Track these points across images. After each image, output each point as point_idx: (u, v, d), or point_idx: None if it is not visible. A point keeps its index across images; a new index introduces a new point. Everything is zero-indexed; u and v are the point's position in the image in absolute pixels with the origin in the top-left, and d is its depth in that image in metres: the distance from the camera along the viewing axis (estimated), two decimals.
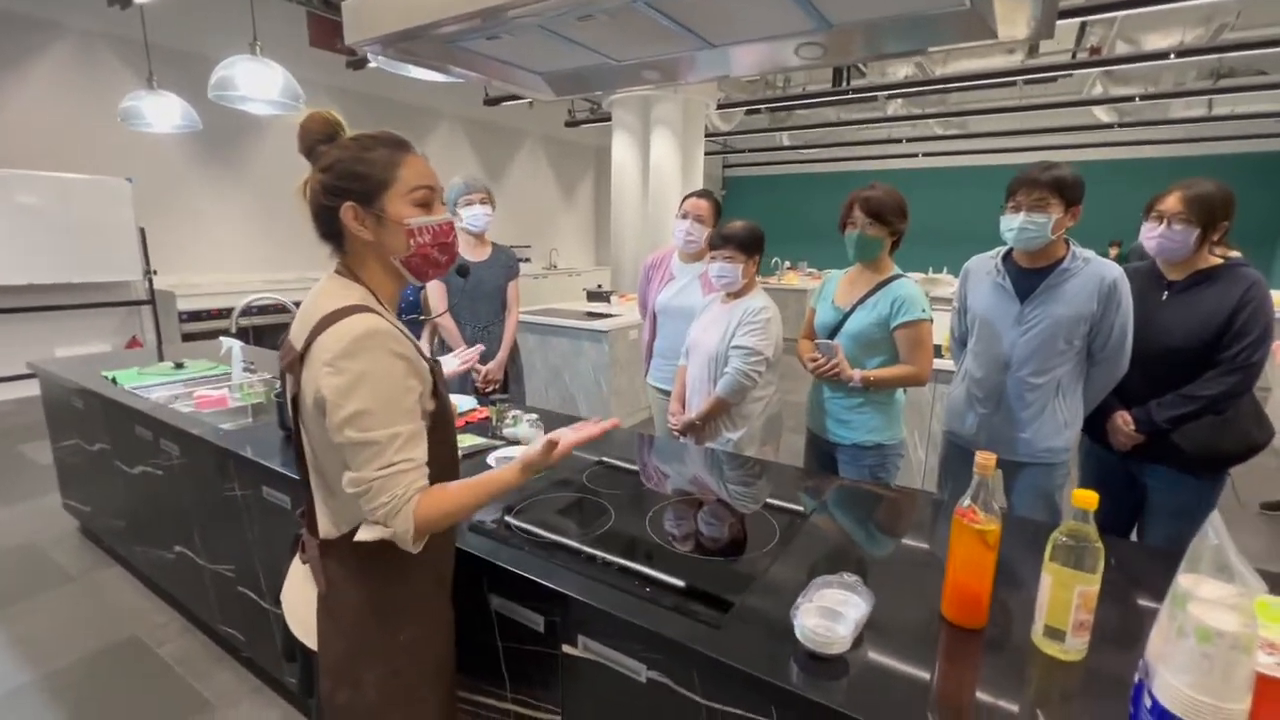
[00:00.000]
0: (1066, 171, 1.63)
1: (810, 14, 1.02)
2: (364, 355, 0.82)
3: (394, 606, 0.95)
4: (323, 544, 0.94)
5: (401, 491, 0.84)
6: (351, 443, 0.82)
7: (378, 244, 0.91)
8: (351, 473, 0.84)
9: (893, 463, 1.89)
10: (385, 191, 0.89)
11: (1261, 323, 1.58)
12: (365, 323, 0.84)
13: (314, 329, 0.85)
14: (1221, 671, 0.60)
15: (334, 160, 0.88)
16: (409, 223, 0.90)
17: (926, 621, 0.97)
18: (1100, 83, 6.73)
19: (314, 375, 0.84)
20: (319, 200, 0.89)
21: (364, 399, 0.82)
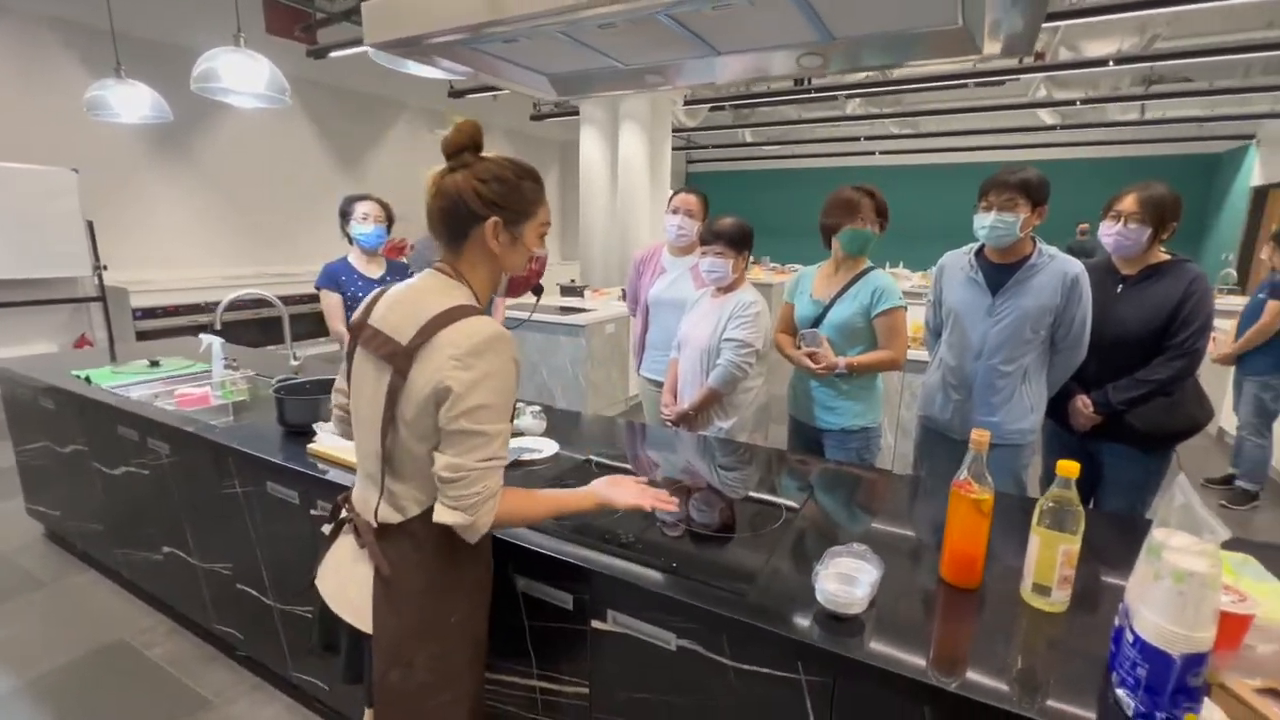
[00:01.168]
0: (1033, 174, 1.77)
1: (817, 27, 1.10)
2: (492, 355, 0.90)
3: (449, 588, 1.00)
4: (380, 528, 0.98)
5: (494, 485, 0.93)
6: (464, 431, 0.89)
7: (501, 258, 1.00)
8: (451, 458, 0.90)
9: (875, 444, 2.01)
10: (527, 220, 1.01)
11: (1203, 313, 1.76)
12: (492, 326, 0.93)
13: (431, 323, 0.91)
14: (1194, 606, 0.71)
15: (493, 176, 0.96)
16: (535, 251, 1.04)
17: (928, 584, 1.07)
18: (1044, 86, 7.09)
19: (436, 366, 0.89)
20: (465, 202, 0.95)
21: (486, 395, 0.90)
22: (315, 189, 6.44)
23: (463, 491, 0.90)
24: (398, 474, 0.97)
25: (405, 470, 0.96)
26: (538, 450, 1.63)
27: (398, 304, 0.99)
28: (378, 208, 2.42)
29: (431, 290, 0.97)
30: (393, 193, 8.19)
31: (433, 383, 0.89)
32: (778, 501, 1.38)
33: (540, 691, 1.24)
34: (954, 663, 0.90)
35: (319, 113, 6.44)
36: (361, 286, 2.43)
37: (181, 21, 5.13)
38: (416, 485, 0.96)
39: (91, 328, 5.09)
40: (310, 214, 6.27)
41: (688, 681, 1.05)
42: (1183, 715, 0.74)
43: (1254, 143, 8.30)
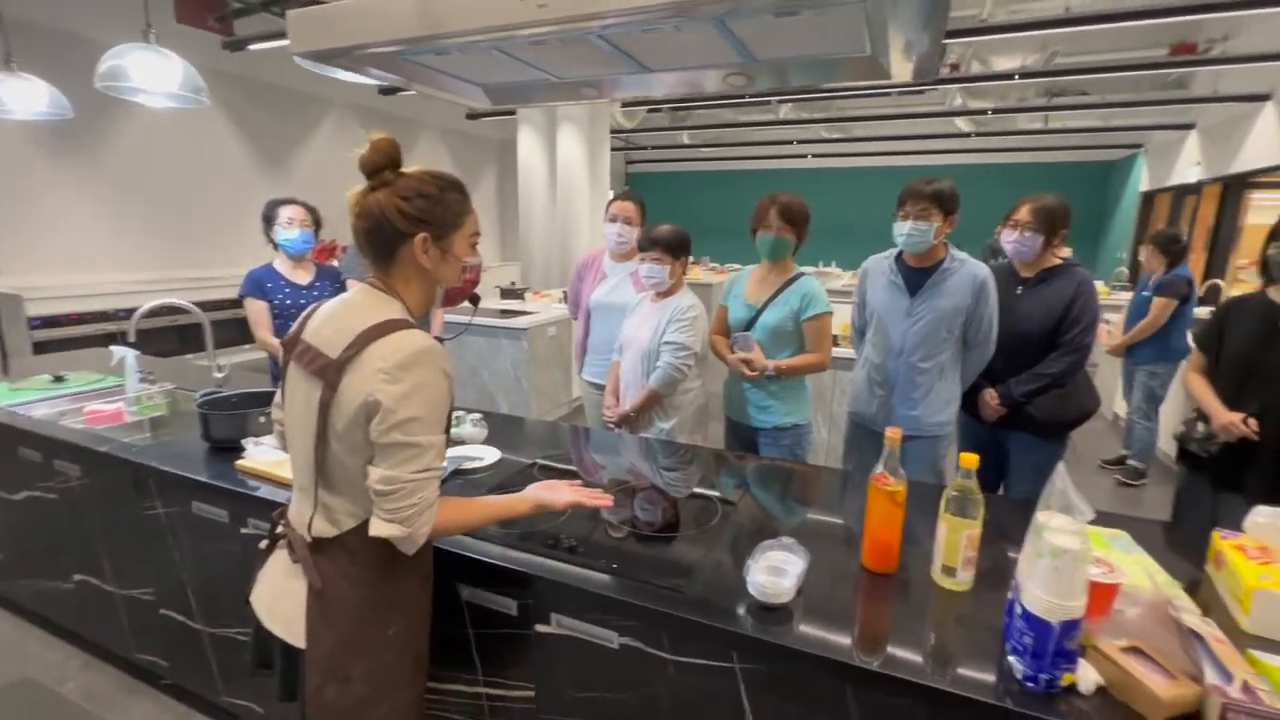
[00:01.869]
0: (945, 185, 1.91)
1: (740, 51, 1.16)
2: (421, 368, 0.91)
3: (386, 601, 1.00)
4: (315, 542, 0.97)
5: (430, 496, 0.93)
6: (396, 444, 0.89)
7: (433, 272, 1.01)
8: (385, 471, 0.90)
9: (806, 440, 2.11)
10: (455, 232, 1.01)
11: (1090, 311, 1.94)
12: (422, 339, 0.93)
13: (361, 336, 0.92)
14: (1067, 579, 0.81)
15: (417, 193, 0.96)
16: (466, 261, 1.04)
17: (850, 571, 1.16)
18: (960, 96, 7.55)
19: (365, 380, 0.90)
20: (389, 221, 0.95)
21: (416, 407, 0.90)
22: (236, 189, 6.10)
23: (398, 504, 0.90)
24: (331, 487, 0.97)
25: (339, 484, 0.96)
26: (478, 458, 1.63)
27: (330, 319, 0.99)
28: (303, 212, 2.34)
29: (363, 305, 0.98)
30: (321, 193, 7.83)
31: (362, 396, 0.90)
32: (715, 498, 1.44)
33: (486, 698, 1.25)
34: (874, 642, 0.98)
35: (239, 108, 6.11)
36: (289, 294, 2.35)
37: (81, 8, 4.75)
38: (350, 499, 0.96)
39: None
40: (232, 215, 5.94)
41: (630, 678, 1.09)
42: (1061, 675, 0.84)
43: (1142, 151, 9.11)
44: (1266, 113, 5.95)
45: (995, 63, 6.36)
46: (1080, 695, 0.84)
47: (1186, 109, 7.43)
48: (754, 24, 1.02)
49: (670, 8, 0.90)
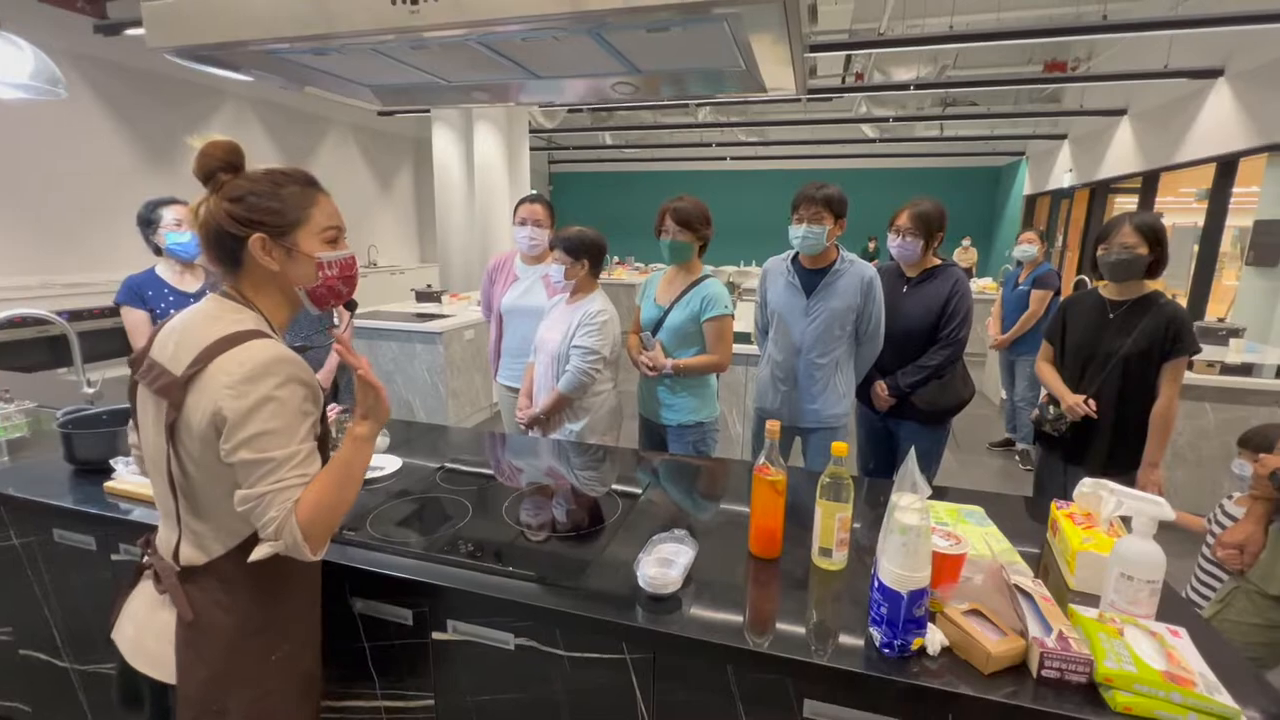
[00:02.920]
0: (834, 191, 2.02)
1: (622, 62, 1.20)
2: (268, 380, 0.86)
3: (268, 626, 0.96)
4: (184, 571, 0.92)
5: (286, 503, 0.86)
6: (245, 462, 0.85)
7: (283, 274, 0.95)
8: (242, 490, 0.86)
9: (711, 436, 2.19)
10: (298, 229, 0.95)
11: (965, 308, 2.12)
12: (270, 349, 0.87)
13: (207, 351, 0.86)
14: (913, 552, 0.89)
15: (245, 193, 0.91)
16: (319, 256, 0.96)
17: (739, 558, 1.22)
18: (865, 104, 8.00)
19: (211, 397, 0.85)
20: (222, 227, 0.90)
21: (265, 421, 0.85)
22: (113, 187, 5.58)
23: (260, 521, 0.86)
24: (196, 512, 0.92)
25: (203, 508, 0.91)
26: (380, 468, 1.59)
27: (177, 333, 0.92)
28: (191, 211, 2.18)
29: (212, 316, 0.92)
30: None
31: (209, 413, 0.85)
32: (617, 494, 1.48)
33: (385, 711, 1.23)
34: (755, 624, 1.04)
35: (116, 98, 5.60)
36: (174, 302, 2.19)
37: None
38: (218, 523, 0.91)
39: None
40: (108, 214, 5.43)
41: (528, 677, 1.11)
42: (913, 640, 0.92)
43: (1025, 158, 9.97)
44: (1124, 126, 6.64)
45: (895, 74, 6.78)
46: (929, 656, 0.93)
47: (1060, 120, 8.20)
48: (629, 37, 1.06)
49: (539, 19, 0.92)
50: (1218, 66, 4.87)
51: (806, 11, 1.00)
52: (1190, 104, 5.27)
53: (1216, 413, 3.02)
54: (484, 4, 0.92)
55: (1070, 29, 4.33)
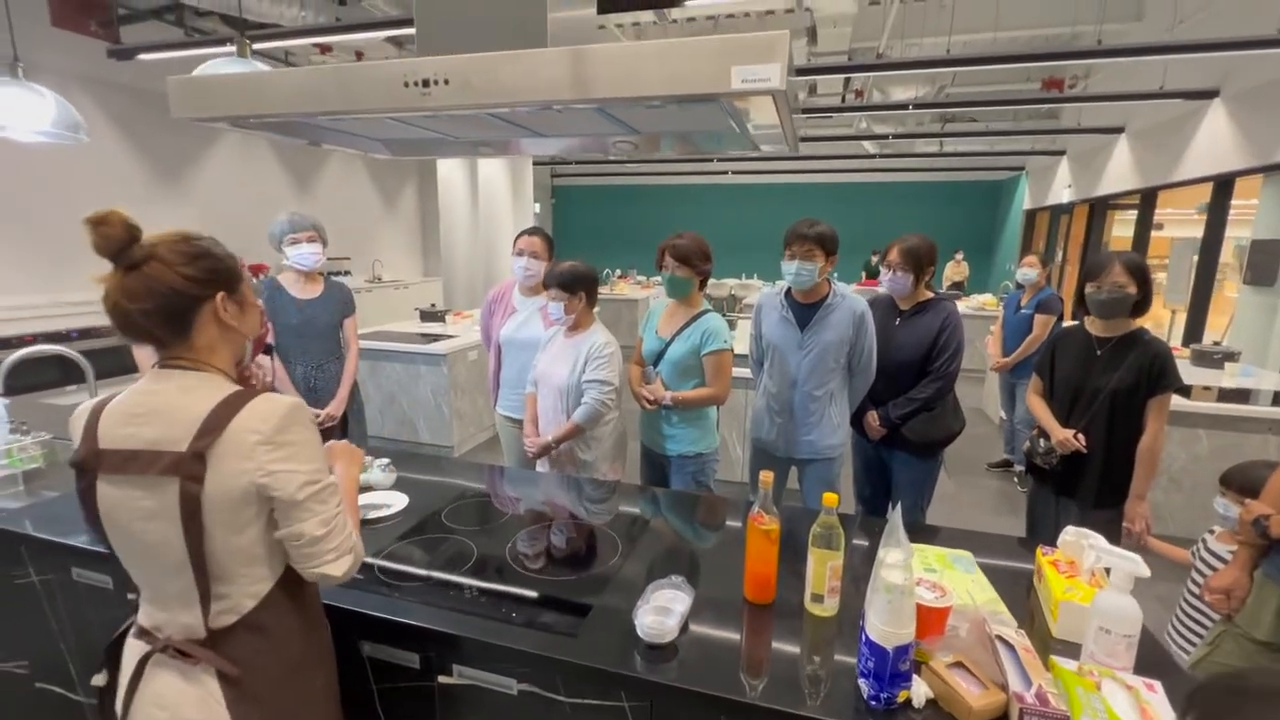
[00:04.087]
0: (826, 228, 2.08)
1: (622, 127, 1.26)
2: (297, 426, 0.93)
3: (306, 657, 1.01)
4: (212, 637, 0.94)
5: (353, 521, 1.00)
6: (313, 495, 0.92)
7: (239, 329, 0.99)
8: (316, 518, 0.93)
9: (710, 467, 2.23)
10: (242, 283, 1.00)
11: (955, 341, 2.17)
12: (282, 399, 0.93)
13: (213, 418, 0.88)
14: (897, 610, 0.94)
15: (194, 255, 0.93)
16: (261, 303, 1.05)
17: (733, 604, 1.26)
18: (866, 121, 8.08)
19: (243, 458, 0.88)
20: (180, 292, 0.91)
21: (311, 458, 0.93)
22: (124, 205, 5.65)
23: (340, 538, 0.95)
24: (225, 577, 0.93)
25: (231, 570, 0.93)
26: (387, 505, 1.64)
27: (143, 416, 0.90)
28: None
29: (185, 389, 0.92)
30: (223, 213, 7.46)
31: (247, 474, 0.88)
32: (613, 535, 1.52)
33: None
34: (750, 672, 1.08)
35: (127, 120, 5.71)
36: None
37: None
38: (248, 578, 0.94)
39: None
40: None
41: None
42: (899, 693, 0.96)
43: (1024, 173, 10.03)
44: (1122, 144, 6.70)
45: (894, 92, 6.86)
46: (915, 709, 0.97)
47: (1059, 137, 8.26)
48: (629, 110, 1.12)
49: (543, 103, 0.97)
50: (1213, 88, 4.93)
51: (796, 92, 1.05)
52: (1187, 123, 5.33)
53: (1211, 439, 3.05)
54: (491, 88, 0.97)
55: (1066, 53, 4.40)
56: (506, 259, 6.40)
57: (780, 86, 0.83)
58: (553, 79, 0.92)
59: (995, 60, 4.35)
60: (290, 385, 2.37)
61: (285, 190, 7.62)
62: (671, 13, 4.92)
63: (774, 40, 0.83)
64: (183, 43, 4.31)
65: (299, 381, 2.39)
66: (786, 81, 0.84)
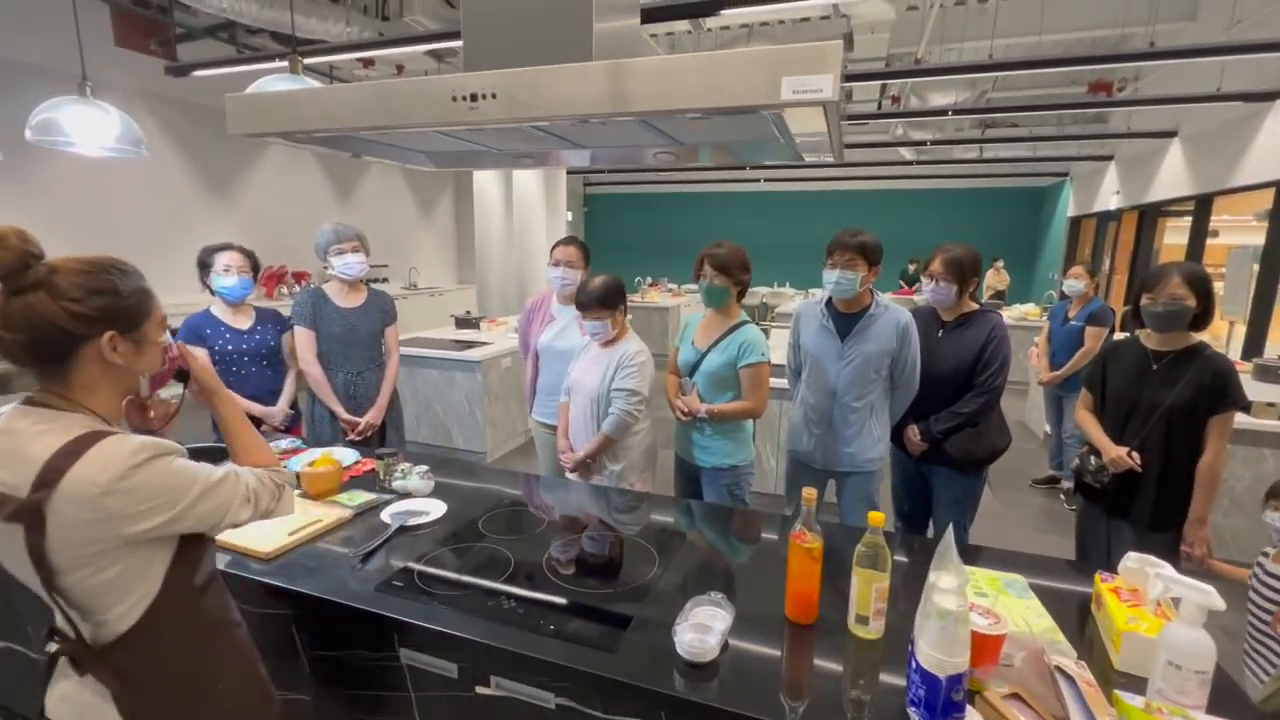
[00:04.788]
0: (869, 238, 2.04)
1: (663, 138, 1.25)
2: (143, 470, 0.84)
3: (206, 664, 0.98)
4: (99, 651, 0.88)
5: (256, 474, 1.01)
6: (214, 505, 0.91)
7: (129, 367, 0.92)
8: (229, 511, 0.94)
9: (745, 480, 2.20)
10: (146, 320, 0.93)
11: (1002, 354, 2.10)
12: (123, 442, 0.84)
13: (48, 468, 0.80)
14: (951, 638, 0.90)
15: (89, 290, 0.86)
16: (165, 341, 0.98)
17: (774, 622, 1.23)
18: (902, 127, 7.95)
19: (85, 509, 0.80)
20: (60, 327, 0.84)
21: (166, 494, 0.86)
22: (174, 215, 5.94)
23: (266, 498, 1.00)
24: (95, 609, 0.86)
25: (98, 602, 0.86)
26: (425, 513, 1.65)
27: None
28: (240, 258, 2.30)
29: (33, 431, 0.84)
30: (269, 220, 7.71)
31: (93, 527, 0.81)
32: (650, 549, 1.51)
33: None
34: (795, 691, 1.05)
35: (182, 134, 5.97)
36: (230, 339, 2.33)
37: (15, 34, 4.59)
38: (121, 604, 0.87)
39: None
40: (171, 240, 5.77)
41: None
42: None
43: (1069, 179, 9.73)
44: (1175, 148, 6.45)
45: (932, 98, 6.73)
46: None
47: (1106, 142, 7.99)
48: (673, 121, 1.11)
49: (588, 116, 0.97)
50: (1275, 89, 4.71)
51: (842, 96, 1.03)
52: (1246, 126, 5.10)
53: (1277, 459, 2.89)
54: (538, 102, 0.98)
55: (1117, 56, 4.25)
56: (539, 267, 6.50)
57: (833, 97, 0.81)
58: (600, 92, 0.92)
59: (1041, 64, 4.23)
60: (332, 395, 2.42)
61: (327, 200, 7.85)
62: (706, 22, 4.93)
63: (826, 51, 0.81)
64: (235, 59, 4.49)
65: (339, 389, 2.44)
66: (838, 91, 0.82)
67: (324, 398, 2.42)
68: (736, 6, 3.03)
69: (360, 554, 1.43)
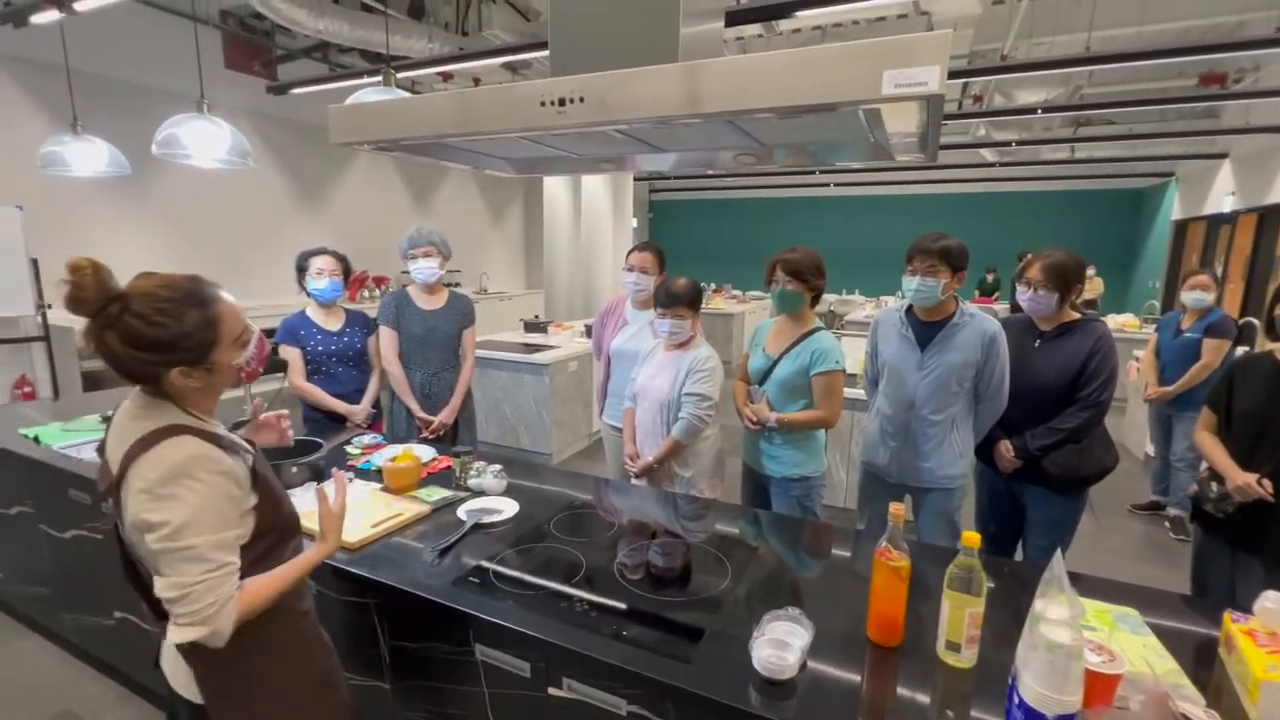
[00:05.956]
0: (953, 242, 1.93)
1: (746, 139, 1.23)
2: (184, 480, 0.89)
3: (260, 646, 1.03)
4: None
5: (227, 591, 0.91)
6: (172, 552, 0.87)
7: (205, 390, 0.99)
8: (169, 578, 0.88)
9: (817, 492, 2.13)
10: (212, 350, 0.95)
11: (1108, 367, 1.94)
12: (183, 448, 0.90)
13: (127, 455, 0.90)
14: (1062, 674, 0.83)
15: (150, 341, 0.90)
16: (238, 363, 1.00)
17: (855, 643, 1.17)
18: (984, 127, 7.56)
19: (132, 499, 0.89)
20: (134, 367, 0.91)
21: (187, 514, 0.88)
22: (273, 222, 6.38)
23: (193, 606, 0.88)
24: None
25: None
26: (498, 511, 1.69)
27: (113, 428, 0.97)
28: (333, 262, 2.44)
29: (134, 415, 0.94)
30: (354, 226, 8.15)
31: (131, 514, 0.89)
32: (723, 558, 1.47)
33: None
34: (877, 718, 1.00)
35: (279, 145, 6.42)
36: (321, 340, 2.46)
37: (140, 61, 5.08)
38: None
39: (33, 368, 4.92)
40: (267, 247, 6.21)
41: None
42: None
43: (1173, 179, 8.97)
44: None
45: (1019, 96, 6.37)
46: None
47: (1218, 138, 7.32)
48: (757, 121, 1.09)
49: (676, 117, 0.96)
50: None
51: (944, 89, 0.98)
52: None
53: None
54: (625, 104, 0.98)
55: (1234, 44, 3.89)
56: (605, 273, 6.58)
57: (938, 90, 0.77)
58: (689, 93, 0.92)
59: (1149, 55, 3.93)
60: (410, 394, 2.52)
61: (406, 207, 8.25)
62: (779, 25, 4.86)
63: (933, 41, 0.77)
64: (328, 77, 4.79)
65: (416, 388, 2.54)
66: (944, 84, 0.78)
67: (402, 395, 2.52)
68: (816, 7, 2.96)
69: (438, 549, 1.47)
